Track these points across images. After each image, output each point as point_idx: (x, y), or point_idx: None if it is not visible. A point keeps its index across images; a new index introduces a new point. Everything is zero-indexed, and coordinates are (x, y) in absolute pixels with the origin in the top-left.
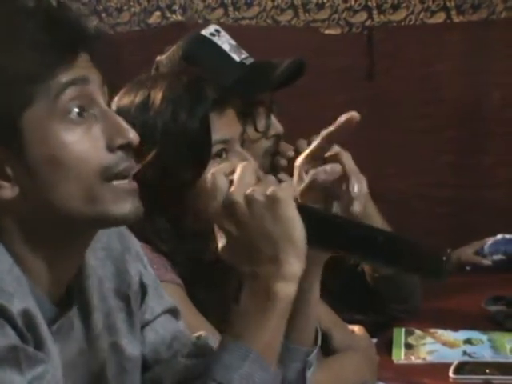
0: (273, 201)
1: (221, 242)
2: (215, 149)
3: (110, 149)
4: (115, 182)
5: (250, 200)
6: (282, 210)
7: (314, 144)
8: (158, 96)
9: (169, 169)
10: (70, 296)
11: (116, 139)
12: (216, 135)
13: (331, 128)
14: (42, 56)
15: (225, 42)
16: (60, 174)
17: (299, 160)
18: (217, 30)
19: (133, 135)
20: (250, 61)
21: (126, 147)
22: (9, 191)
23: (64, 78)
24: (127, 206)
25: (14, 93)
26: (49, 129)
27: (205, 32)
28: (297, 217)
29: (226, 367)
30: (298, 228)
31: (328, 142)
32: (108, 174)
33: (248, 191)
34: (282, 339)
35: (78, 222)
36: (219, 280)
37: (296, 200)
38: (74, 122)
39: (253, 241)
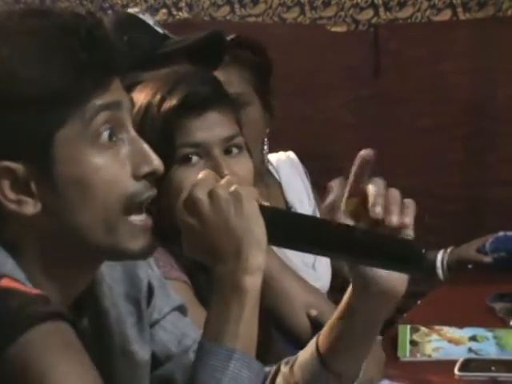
0: (236, 197)
1: (184, 240)
2: (182, 152)
3: (135, 176)
4: (133, 218)
5: (213, 196)
6: (244, 207)
7: (347, 188)
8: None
9: None
10: (79, 306)
11: (142, 167)
12: (185, 138)
13: (355, 167)
14: (79, 77)
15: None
16: (85, 196)
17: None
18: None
19: (158, 163)
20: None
21: (150, 176)
22: (31, 207)
23: (99, 101)
24: (140, 242)
25: (49, 112)
26: (79, 150)
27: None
28: (258, 213)
29: (213, 371)
30: (259, 223)
31: (358, 181)
32: (131, 203)
33: (211, 187)
34: (256, 333)
35: (93, 249)
36: None
37: (258, 201)
38: (103, 145)
39: (216, 236)
